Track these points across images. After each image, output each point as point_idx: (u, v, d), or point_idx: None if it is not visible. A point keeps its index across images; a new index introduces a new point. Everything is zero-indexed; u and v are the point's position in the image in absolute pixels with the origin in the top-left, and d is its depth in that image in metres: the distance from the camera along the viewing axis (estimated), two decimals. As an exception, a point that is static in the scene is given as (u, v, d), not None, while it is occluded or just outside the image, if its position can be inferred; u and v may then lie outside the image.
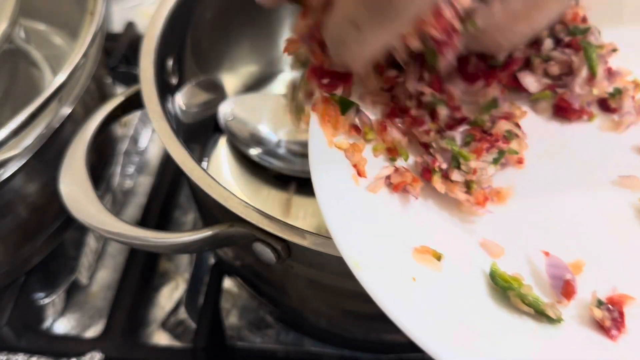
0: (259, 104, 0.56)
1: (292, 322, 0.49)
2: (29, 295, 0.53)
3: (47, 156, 0.46)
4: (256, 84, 0.60)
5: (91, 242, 0.59)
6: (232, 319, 0.54)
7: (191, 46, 0.50)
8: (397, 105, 0.35)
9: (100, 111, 0.43)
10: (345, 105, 0.33)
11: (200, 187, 0.35)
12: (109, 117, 0.43)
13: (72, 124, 0.48)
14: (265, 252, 0.35)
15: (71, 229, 0.54)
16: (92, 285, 0.57)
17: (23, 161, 0.44)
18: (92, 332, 0.54)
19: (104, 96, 0.56)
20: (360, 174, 0.31)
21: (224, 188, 0.35)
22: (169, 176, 0.63)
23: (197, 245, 0.36)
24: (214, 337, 0.49)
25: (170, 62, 0.46)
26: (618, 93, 0.36)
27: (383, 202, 0.31)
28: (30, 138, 0.44)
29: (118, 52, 0.71)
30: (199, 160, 0.47)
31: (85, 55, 0.45)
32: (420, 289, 0.27)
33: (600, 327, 0.28)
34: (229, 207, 0.34)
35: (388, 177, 0.31)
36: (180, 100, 0.48)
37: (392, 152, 0.33)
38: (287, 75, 0.61)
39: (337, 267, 0.36)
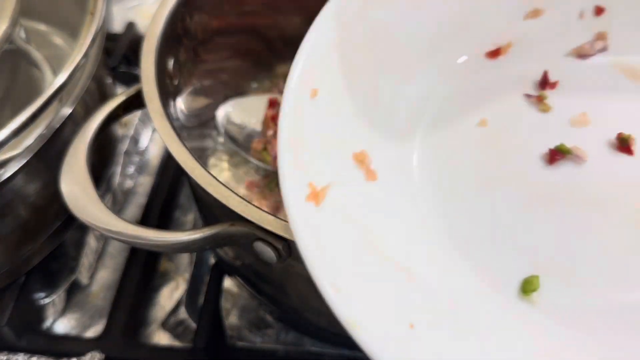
0: (257, 106, 0.56)
1: (292, 322, 0.49)
2: (29, 295, 0.53)
3: (48, 156, 0.46)
4: (254, 87, 0.60)
5: (91, 242, 0.59)
6: (232, 319, 0.54)
7: (191, 47, 0.50)
8: None
9: (101, 110, 0.42)
10: None
11: (201, 186, 0.35)
12: (110, 117, 0.43)
13: (73, 124, 0.48)
14: (266, 251, 0.35)
15: (72, 229, 0.54)
16: (93, 285, 0.57)
17: (23, 161, 0.44)
18: (93, 332, 0.54)
19: (104, 96, 0.56)
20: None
21: (225, 187, 0.35)
22: (169, 176, 0.63)
23: (198, 244, 0.36)
24: (214, 337, 0.49)
25: (170, 63, 0.46)
26: None
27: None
28: (30, 138, 0.43)
29: (118, 52, 0.71)
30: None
31: (85, 55, 0.45)
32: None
33: None
34: (230, 205, 0.34)
35: None
36: (180, 104, 0.48)
37: None
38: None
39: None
